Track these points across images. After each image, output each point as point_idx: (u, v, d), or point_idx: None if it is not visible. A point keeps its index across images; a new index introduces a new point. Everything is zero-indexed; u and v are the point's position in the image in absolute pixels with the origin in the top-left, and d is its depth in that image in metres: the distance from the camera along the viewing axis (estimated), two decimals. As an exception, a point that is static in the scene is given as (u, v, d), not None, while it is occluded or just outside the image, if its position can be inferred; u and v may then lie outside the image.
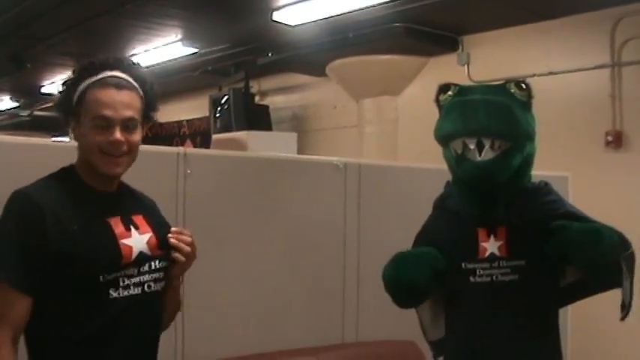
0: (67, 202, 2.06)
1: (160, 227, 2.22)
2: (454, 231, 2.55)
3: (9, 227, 1.97)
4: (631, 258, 2.41)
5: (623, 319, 2.44)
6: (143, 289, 2.11)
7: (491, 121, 2.34)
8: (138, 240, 2.13)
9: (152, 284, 2.13)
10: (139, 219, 2.18)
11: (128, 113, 2.08)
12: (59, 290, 1.99)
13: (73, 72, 2.15)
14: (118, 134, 2.06)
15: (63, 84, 2.15)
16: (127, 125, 2.09)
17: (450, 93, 2.53)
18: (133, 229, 2.14)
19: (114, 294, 2.05)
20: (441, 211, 2.66)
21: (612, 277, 2.36)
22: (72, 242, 1.99)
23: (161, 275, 2.16)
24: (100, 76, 2.10)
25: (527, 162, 2.50)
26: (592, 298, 2.58)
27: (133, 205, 2.22)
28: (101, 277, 2.04)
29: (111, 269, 2.06)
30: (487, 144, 2.35)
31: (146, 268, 2.13)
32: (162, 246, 2.18)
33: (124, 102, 2.08)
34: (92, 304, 2.03)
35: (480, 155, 2.35)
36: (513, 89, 2.46)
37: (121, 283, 2.07)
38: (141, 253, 2.12)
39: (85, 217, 2.07)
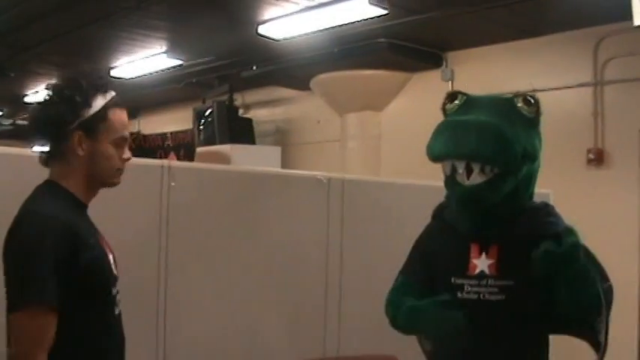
0: (77, 216, 2.04)
1: None
2: (448, 244, 2.50)
3: (42, 248, 1.88)
4: (609, 291, 2.33)
5: None
6: (119, 309, 2.12)
7: (481, 145, 2.24)
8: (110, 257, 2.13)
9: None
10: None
11: None
12: (80, 305, 1.96)
13: (72, 85, 2.07)
14: (129, 153, 2.18)
15: (62, 95, 2.05)
16: None
17: (457, 102, 2.46)
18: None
19: (116, 310, 2.09)
20: (439, 221, 2.59)
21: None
22: (93, 256, 1.99)
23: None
24: (112, 94, 2.12)
25: (526, 182, 2.45)
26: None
27: None
28: (113, 291, 2.07)
29: (113, 285, 2.08)
30: (476, 168, 2.28)
31: (117, 287, 2.13)
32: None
33: None
34: (108, 317, 2.06)
35: (468, 179, 2.28)
36: (520, 104, 2.41)
37: (117, 300, 2.09)
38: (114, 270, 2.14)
39: (90, 230, 2.07)
